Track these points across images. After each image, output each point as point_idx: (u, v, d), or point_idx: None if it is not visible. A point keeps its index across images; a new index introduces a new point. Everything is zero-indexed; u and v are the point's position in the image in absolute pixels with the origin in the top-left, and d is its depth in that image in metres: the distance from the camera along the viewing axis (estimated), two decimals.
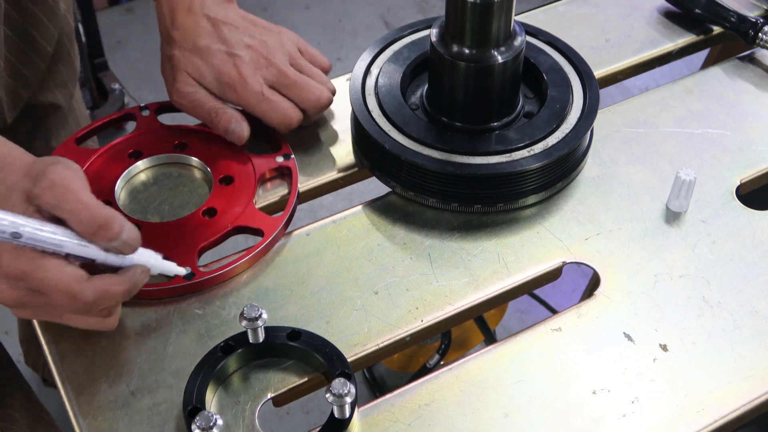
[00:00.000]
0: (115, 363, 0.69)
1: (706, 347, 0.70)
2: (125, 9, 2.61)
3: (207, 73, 0.81)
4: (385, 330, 0.71)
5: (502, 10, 0.75)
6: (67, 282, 0.61)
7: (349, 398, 0.62)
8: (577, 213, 0.80)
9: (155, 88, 2.37)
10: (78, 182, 0.62)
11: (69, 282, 0.61)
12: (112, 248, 0.63)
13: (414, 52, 0.86)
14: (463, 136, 0.80)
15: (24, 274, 0.61)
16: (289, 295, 0.74)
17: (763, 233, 0.78)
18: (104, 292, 0.63)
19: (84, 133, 0.85)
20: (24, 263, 0.60)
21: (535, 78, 0.85)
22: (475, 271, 0.75)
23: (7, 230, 0.59)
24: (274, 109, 0.82)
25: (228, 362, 0.67)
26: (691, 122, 0.88)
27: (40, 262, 0.60)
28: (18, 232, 0.59)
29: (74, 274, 0.62)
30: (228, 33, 0.82)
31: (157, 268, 0.69)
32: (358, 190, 1.11)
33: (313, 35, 2.54)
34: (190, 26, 0.82)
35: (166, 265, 0.70)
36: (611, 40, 0.98)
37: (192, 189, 0.82)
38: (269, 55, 0.82)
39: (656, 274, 0.75)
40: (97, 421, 0.66)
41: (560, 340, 0.71)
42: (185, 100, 0.82)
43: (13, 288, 0.62)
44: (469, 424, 0.66)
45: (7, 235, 0.59)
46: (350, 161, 0.85)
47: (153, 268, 0.68)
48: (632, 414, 0.66)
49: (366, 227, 0.79)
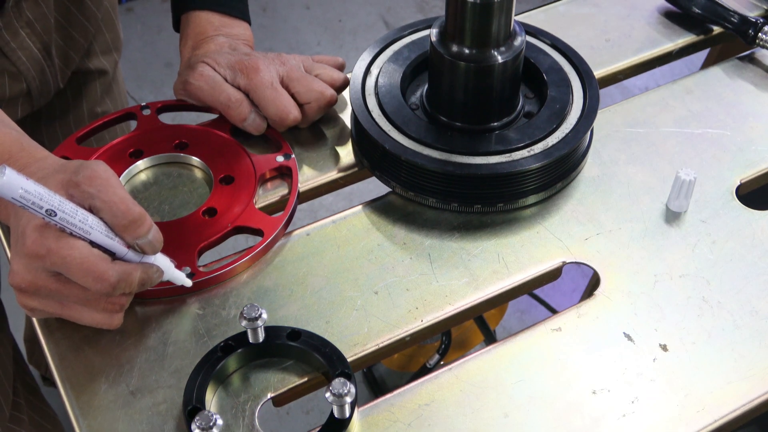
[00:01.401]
0: (115, 363, 0.69)
1: (706, 347, 0.70)
2: (125, 9, 2.61)
3: (223, 62, 0.84)
4: (385, 330, 0.71)
5: (502, 10, 0.75)
6: (95, 261, 0.63)
7: (349, 398, 0.62)
8: (577, 213, 0.80)
9: (155, 88, 2.37)
10: (115, 178, 0.65)
11: (96, 262, 0.63)
12: (137, 245, 0.65)
13: (414, 52, 0.86)
14: (463, 136, 0.80)
15: (49, 252, 0.62)
16: (289, 295, 0.74)
17: (763, 233, 0.78)
18: (127, 275, 0.65)
19: (84, 133, 0.85)
20: (50, 240, 0.62)
21: (535, 78, 0.85)
22: (475, 271, 0.75)
23: (44, 206, 0.60)
24: (275, 99, 0.82)
25: (228, 362, 0.67)
26: (691, 122, 0.88)
27: (66, 240, 0.62)
28: (53, 210, 0.61)
29: (100, 255, 0.64)
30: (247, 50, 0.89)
31: (168, 274, 0.70)
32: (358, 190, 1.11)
33: (313, 35, 2.54)
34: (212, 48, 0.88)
35: (176, 273, 0.71)
36: (611, 40, 0.98)
37: (192, 189, 0.82)
38: (284, 59, 0.86)
39: (656, 274, 0.75)
40: (97, 421, 0.66)
41: (560, 340, 0.71)
42: (202, 82, 0.84)
43: (30, 270, 0.63)
44: (469, 424, 0.66)
45: (42, 210, 0.61)
46: (350, 161, 0.85)
47: (165, 272, 0.69)
48: (632, 414, 0.66)
49: (366, 227, 0.79)
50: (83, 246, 0.63)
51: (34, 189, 0.60)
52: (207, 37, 0.89)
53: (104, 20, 1.07)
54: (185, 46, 0.90)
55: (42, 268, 0.63)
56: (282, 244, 0.78)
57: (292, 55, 0.87)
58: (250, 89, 0.83)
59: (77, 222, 0.62)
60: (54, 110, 1.09)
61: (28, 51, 0.95)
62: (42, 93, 1.00)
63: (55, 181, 0.64)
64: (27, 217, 0.63)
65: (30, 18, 0.93)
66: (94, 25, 1.05)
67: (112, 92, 1.15)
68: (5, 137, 0.70)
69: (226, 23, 0.90)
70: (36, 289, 0.64)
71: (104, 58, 1.11)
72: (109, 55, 1.12)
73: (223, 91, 0.83)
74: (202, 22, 0.90)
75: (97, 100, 1.13)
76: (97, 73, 1.11)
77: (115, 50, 1.13)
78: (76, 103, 1.10)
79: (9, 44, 0.92)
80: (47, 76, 0.99)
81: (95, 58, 1.09)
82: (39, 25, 0.94)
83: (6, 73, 0.94)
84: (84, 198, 0.63)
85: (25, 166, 0.68)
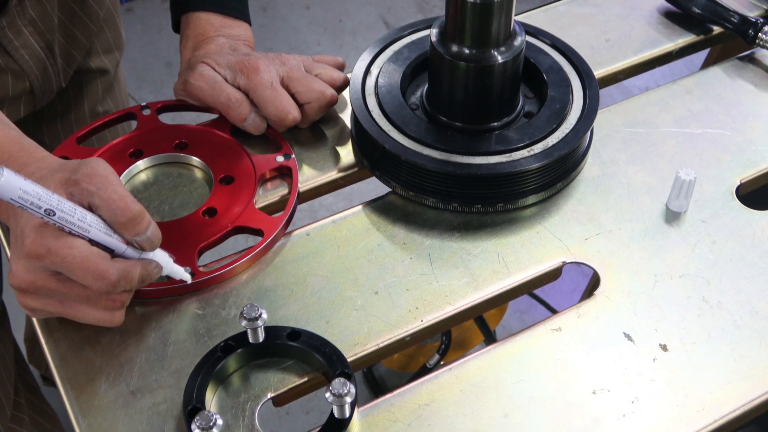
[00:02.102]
0: (115, 363, 0.69)
1: (706, 347, 0.70)
2: (125, 9, 2.61)
3: (223, 62, 0.84)
4: (385, 330, 0.71)
5: (502, 10, 0.75)
6: (95, 260, 0.63)
7: (349, 398, 0.62)
8: (577, 213, 0.80)
9: (155, 88, 2.37)
10: (114, 176, 0.65)
11: (96, 260, 0.63)
12: (135, 242, 0.66)
13: (414, 52, 0.86)
14: (463, 136, 0.80)
15: (49, 251, 0.62)
16: (289, 295, 0.74)
17: (763, 233, 0.78)
18: (127, 272, 0.65)
19: (84, 133, 0.85)
20: (49, 240, 0.62)
21: (535, 78, 0.85)
22: (475, 271, 0.75)
23: (43, 206, 0.60)
24: (275, 100, 0.82)
25: (228, 362, 0.67)
26: (691, 122, 0.88)
27: (65, 239, 0.62)
28: (52, 209, 0.61)
29: (100, 253, 0.64)
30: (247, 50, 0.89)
31: (167, 269, 0.70)
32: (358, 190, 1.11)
33: (313, 35, 2.54)
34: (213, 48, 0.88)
35: (175, 268, 0.71)
36: (611, 40, 0.98)
37: (192, 189, 0.82)
38: (284, 59, 0.86)
39: (656, 274, 0.75)
40: (97, 421, 0.66)
41: (560, 340, 0.71)
42: (203, 82, 0.84)
43: (30, 271, 0.64)
44: (469, 424, 0.66)
45: (41, 210, 0.61)
46: (350, 161, 0.85)
47: (164, 268, 0.69)
48: (632, 414, 0.66)
49: (366, 227, 0.79)
50: (82, 244, 0.63)
51: (32, 189, 0.60)
52: (207, 37, 0.89)
53: (106, 19, 1.08)
54: (185, 47, 0.90)
55: (42, 267, 0.63)
56: (282, 244, 0.78)
57: (292, 55, 0.87)
58: (250, 89, 0.83)
59: (76, 221, 0.62)
60: (55, 109, 1.09)
61: (31, 49, 0.95)
62: (44, 92, 1.00)
63: (55, 180, 0.64)
64: (26, 218, 0.63)
65: (33, 16, 0.93)
66: (96, 24, 1.05)
67: (113, 92, 1.16)
68: (5, 137, 0.70)
69: (226, 24, 0.90)
70: (36, 288, 0.64)
71: (106, 57, 1.11)
72: (110, 54, 1.12)
73: (223, 91, 0.83)
74: (202, 23, 0.90)
75: (98, 99, 1.13)
76: (99, 72, 1.11)
77: (117, 50, 1.13)
78: (78, 103, 1.11)
79: (12, 43, 0.92)
80: (50, 75, 0.99)
81: (97, 57, 1.09)
82: (42, 24, 0.95)
83: (9, 71, 0.94)
84: (83, 196, 0.64)
85: (24, 166, 0.68)
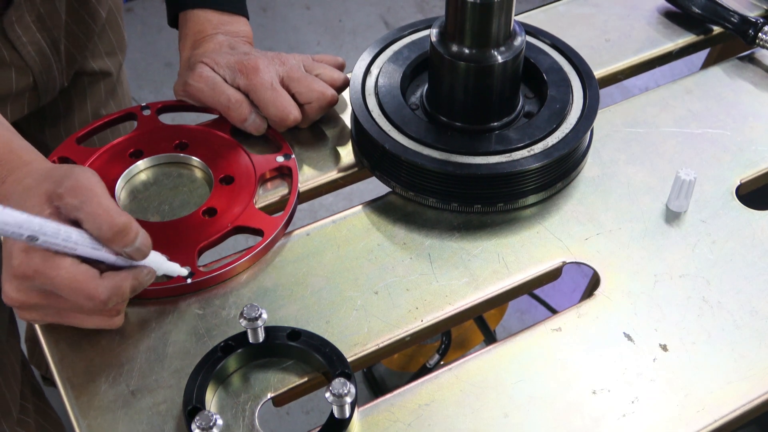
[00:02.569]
0: (115, 363, 0.69)
1: (706, 347, 0.70)
2: (125, 9, 2.61)
3: (222, 62, 0.84)
4: (385, 330, 0.71)
5: (502, 10, 0.75)
6: (83, 280, 0.62)
7: (349, 398, 0.62)
8: (577, 213, 0.80)
9: (155, 88, 2.37)
10: (100, 187, 0.64)
11: (85, 280, 0.62)
12: (125, 253, 0.65)
13: (414, 52, 0.86)
14: (462, 136, 0.80)
15: (36, 273, 0.61)
16: (289, 295, 0.74)
17: (763, 233, 0.78)
18: (117, 288, 0.64)
19: (84, 133, 0.85)
20: (37, 261, 0.61)
21: (535, 78, 0.85)
22: (475, 271, 0.75)
23: (24, 233, 0.60)
24: (275, 100, 0.82)
25: (228, 362, 0.67)
26: (691, 122, 0.88)
27: (53, 261, 0.62)
28: (34, 236, 0.60)
29: (88, 272, 0.63)
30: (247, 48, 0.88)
31: (161, 269, 0.69)
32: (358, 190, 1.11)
33: (313, 35, 2.54)
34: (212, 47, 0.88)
35: (169, 266, 0.70)
36: (611, 40, 0.98)
37: (192, 189, 0.82)
38: (284, 58, 0.86)
39: (656, 274, 0.75)
40: (97, 421, 0.66)
41: (560, 340, 0.71)
42: (202, 83, 0.83)
43: (20, 290, 0.63)
44: (469, 424, 0.66)
45: (24, 237, 0.60)
46: (350, 161, 0.85)
47: (158, 269, 0.69)
48: (632, 414, 0.66)
49: (366, 227, 0.79)
50: (70, 264, 0.62)
51: (12, 219, 0.59)
52: (206, 35, 0.88)
53: (108, 21, 1.08)
54: (184, 45, 0.90)
55: (32, 287, 0.63)
56: (282, 244, 0.78)
57: (292, 55, 0.87)
58: (249, 90, 0.83)
59: (60, 241, 0.61)
60: (58, 111, 1.09)
61: (38, 46, 0.95)
62: (48, 89, 1.00)
63: (40, 192, 0.63)
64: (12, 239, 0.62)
65: (41, 12, 0.93)
66: (98, 25, 1.05)
67: (116, 94, 1.15)
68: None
69: (224, 20, 0.90)
70: (30, 306, 0.64)
71: (108, 59, 1.11)
72: (113, 56, 1.12)
73: (223, 92, 0.83)
74: (200, 20, 0.89)
75: (101, 101, 1.13)
76: (102, 74, 1.11)
77: (120, 52, 1.13)
78: (81, 105, 1.11)
79: (20, 38, 0.92)
80: (54, 72, 0.99)
81: (99, 59, 1.09)
82: (50, 20, 0.95)
83: (13, 66, 0.94)
84: (68, 210, 0.63)
85: (11, 171, 0.67)
